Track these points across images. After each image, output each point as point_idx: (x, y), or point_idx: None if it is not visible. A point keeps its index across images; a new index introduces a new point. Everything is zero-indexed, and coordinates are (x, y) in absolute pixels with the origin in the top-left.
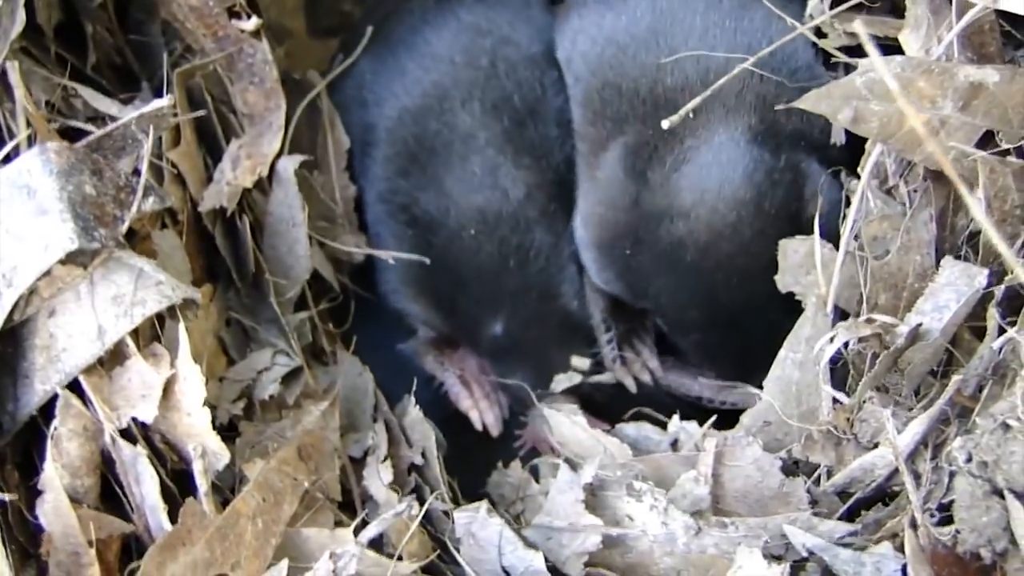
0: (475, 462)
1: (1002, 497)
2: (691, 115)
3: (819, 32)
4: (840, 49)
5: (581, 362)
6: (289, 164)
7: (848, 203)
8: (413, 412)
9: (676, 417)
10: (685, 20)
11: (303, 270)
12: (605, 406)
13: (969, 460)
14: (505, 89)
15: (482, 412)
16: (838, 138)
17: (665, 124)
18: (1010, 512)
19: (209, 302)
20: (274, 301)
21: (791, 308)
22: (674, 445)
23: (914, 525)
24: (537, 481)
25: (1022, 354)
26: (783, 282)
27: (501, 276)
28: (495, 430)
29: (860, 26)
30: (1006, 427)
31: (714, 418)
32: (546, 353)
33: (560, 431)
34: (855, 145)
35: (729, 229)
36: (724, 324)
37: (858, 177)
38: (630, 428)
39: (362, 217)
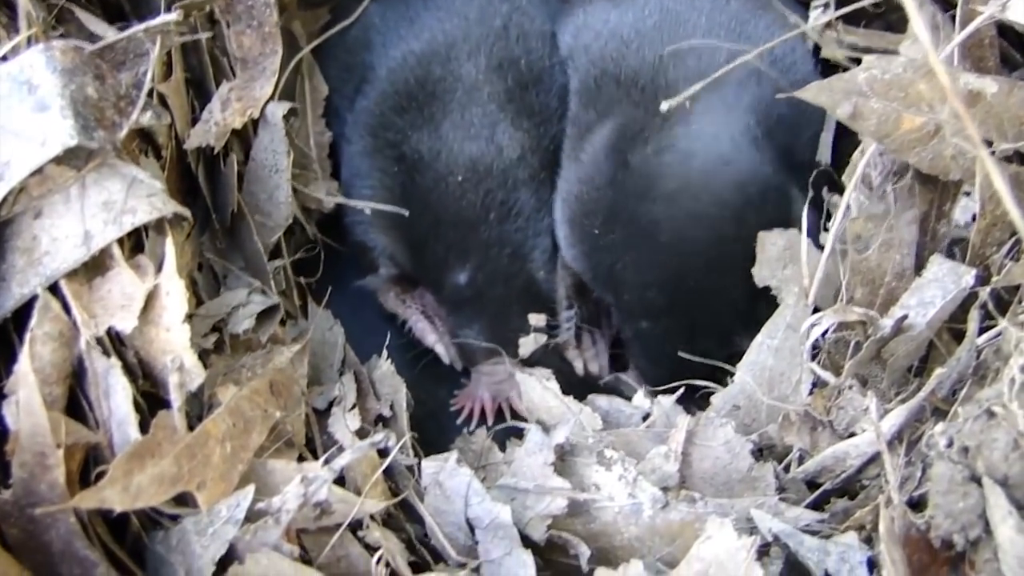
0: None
1: (980, 484)
2: (687, 104)
3: (817, 45)
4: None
5: (538, 319)
6: (278, 110)
7: (830, 216)
8: (384, 365)
9: (641, 392)
10: (691, 20)
11: (283, 216)
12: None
13: (950, 445)
14: (513, 52)
15: (446, 347)
16: (824, 157)
17: (664, 106)
18: (987, 499)
19: (184, 242)
20: (258, 240)
21: (745, 320)
22: (645, 420)
23: (889, 506)
24: (502, 450)
25: (1010, 344)
26: (760, 275)
27: (478, 226)
28: (459, 364)
29: None
30: (990, 414)
31: (680, 391)
32: (506, 312)
33: (530, 396)
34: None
35: (710, 220)
36: (679, 312)
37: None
38: (602, 400)
39: (335, 164)
